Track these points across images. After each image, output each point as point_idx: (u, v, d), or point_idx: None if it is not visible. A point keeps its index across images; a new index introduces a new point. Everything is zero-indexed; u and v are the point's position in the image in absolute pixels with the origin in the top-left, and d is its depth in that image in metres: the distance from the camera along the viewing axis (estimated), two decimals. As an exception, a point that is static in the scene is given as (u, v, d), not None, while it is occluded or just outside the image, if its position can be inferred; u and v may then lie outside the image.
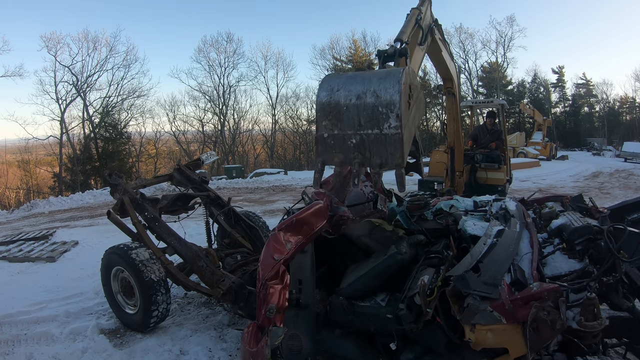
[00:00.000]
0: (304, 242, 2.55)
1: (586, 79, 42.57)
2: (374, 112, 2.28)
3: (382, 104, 2.25)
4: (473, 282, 2.06)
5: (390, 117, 2.24)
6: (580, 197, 3.28)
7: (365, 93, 2.31)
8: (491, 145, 7.23)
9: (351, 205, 3.32)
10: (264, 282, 2.26)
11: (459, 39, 35.52)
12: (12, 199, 26.15)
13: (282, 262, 2.32)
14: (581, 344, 2.00)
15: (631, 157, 23.04)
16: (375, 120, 2.29)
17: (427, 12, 4.14)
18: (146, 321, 3.36)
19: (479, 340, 1.97)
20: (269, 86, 33.78)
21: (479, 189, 6.68)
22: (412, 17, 3.71)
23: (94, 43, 26.52)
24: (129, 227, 3.88)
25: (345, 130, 2.41)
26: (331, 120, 2.45)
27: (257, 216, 4.84)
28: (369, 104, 2.30)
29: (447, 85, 5.98)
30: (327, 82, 2.48)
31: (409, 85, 2.31)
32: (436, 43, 4.53)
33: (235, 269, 3.63)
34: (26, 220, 9.35)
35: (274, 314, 2.17)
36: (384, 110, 2.25)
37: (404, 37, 3.30)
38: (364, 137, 2.34)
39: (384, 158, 2.30)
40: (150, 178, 4.98)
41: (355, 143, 2.38)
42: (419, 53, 3.82)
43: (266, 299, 2.21)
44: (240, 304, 3.17)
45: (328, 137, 2.48)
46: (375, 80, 2.29)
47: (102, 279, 3.67)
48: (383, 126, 2.27)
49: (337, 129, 2.44)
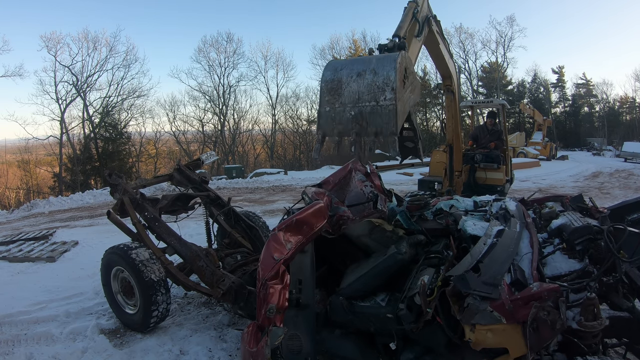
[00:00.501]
0: (304, 242, 2.55)
1: (586, 79, 42.57)
2: (371, 87, 2.55)
3: (379, 79, 2.53)
4: (473, 282, 2.06)
5: (386, 91, 2.50)
6: (580, 197, 3.28)
7: (365, 71, 2.59)
8: (490, 145, 7.22)
9: (351, 205, 3.32)
10: (264, 282, 2.25)
11: (459, 39, 35.55)
12: (12, 199, 26.14)
13: (282, 262, 2.32)
14: (581, 344, 2.00)
15: (631, 157, 23.04)
16: (373, 94, 2.55)
17: (424, 4, 4.25)
18: (146, 321, 3.36)
19: (479, 340, 1.97)
20: (269, 86, 33.80)
21: (478, 189, 6.66)
22: (409, 11, 3.91)
23: (94, 43, 26.53)
24: (129, 227, 3.88)
25: (346, 104, 2.66)
26: (333, 95, 2.72)
27: (257, 216, 4.84)
28: (368, 80, 2.57)
29: (447, 83, 6.02)
30: (332, 64, 2.79)
31: (405, 67, 2.59)
32: (433, 35, 4.61)
33: (235, 269, 3.63)
34: (26, 220, 9.35)
35: (274, 314, 2.17)
36: (381, 85, 2.52)
37: (401, 32, 3.54)
38: (362, 109, 2.59)
39: (379, 127, 2.54)
40: (150, 178, 4.98)
41: (354, 115, 2.63)
42: (416, 44, 4.01)
43: (266, 299, 2.21)
44: (240, 304, 3.16)
45: (330, 110, 2.75)
46: (375, 60, 2.58)
47: (102, 279, 3.67)
48: (379, 98, 2.52)
49: (338, 102, 2.70)
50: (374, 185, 3.55)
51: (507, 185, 7.21)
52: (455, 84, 6.00)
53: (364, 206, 3.36)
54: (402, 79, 2.56)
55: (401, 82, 2.54)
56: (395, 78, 2.46)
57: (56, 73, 25.38)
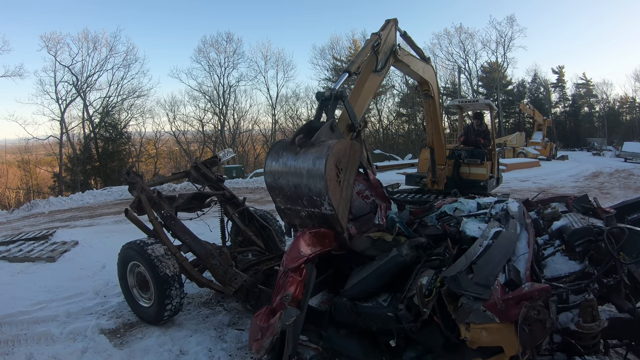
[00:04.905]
0: (321, 252, 2.80)
1: (586, 79, 42.62)
2: (310, 199, 2.84)
3: (315, 194, 2.78)
4: (465, 282, 2.10)
5: (324, 202, 2.78)
6: (585, 198, 3.27)
7: (300, 185, 2.85)
8: (480, 140, 7.49)
9: (356, 217, 3.38)
10: (286, 270, 2.45)
11: (459, 39, 35.58)
12: (12, 199, 26.16)
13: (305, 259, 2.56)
14: (580, 345, 2.00)
15: (631, 157, 23.06)
16: (314, 203, 2.85)
17: (390, 35, 4.21)
18: (160, 314, 3.44)
19: (474, 339, 2.01)
20: (269, 86, 33.83)
21: (461, 183, 6.88)
22: (367, 45, 3.93)
23: (94, 43, 26.59)
24: (146, 225, 3.93)
25: (295, 206, 3.01)
26: (282, 198, 3.06)
27: (273, 218, 4.84)
28: (305, 193, 2.84)
29: (424, 89, 5.88)
30: (269, 168, 3.05)
31: (335, 165, 2.77)
32: (400, 62, 4.60)
33: (247, 267, 3.71)
34: (26, 220, 9.34)
35: (289, 300, 2.33)
36: (317, 198, 2.79)
37: (352, 67, 3.65)
38: (310, 212, 2.94)
39: (329, 227, 2.91)
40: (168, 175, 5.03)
41: (305, 215, 2.99)
42: (375, 79, 4.01)
43: (285, 286, 2.39)
44: (252, 301, 3.27)
45: (284, 208, 3.12)
46: (306, 175, 2.79)
47: (118, 273, 3.75)
48: (321, 208, 2.82)
49: (289, 204, 3.03)
50: (374, 193, 3.56)
51: (492, 182, 7.31)
52: (433, 88, 5.86)
53: (367, 218, 3.42)
54: (337, 177, 2.78)
55: (335, 185, 2.76)
56: (327, 193, 2.68)
57: (56, 73, 25.49)
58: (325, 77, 35.04)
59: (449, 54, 36.15)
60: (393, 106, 36.00)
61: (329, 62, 35.32)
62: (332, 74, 34.09)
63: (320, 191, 2.71)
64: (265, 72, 33.72)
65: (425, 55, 5.58)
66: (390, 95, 35.36)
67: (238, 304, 3.86)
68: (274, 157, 3.02)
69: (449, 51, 36.11)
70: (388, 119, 35.77)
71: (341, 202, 2.84)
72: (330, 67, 35.10)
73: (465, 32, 35.48)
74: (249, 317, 3.61)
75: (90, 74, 26.43)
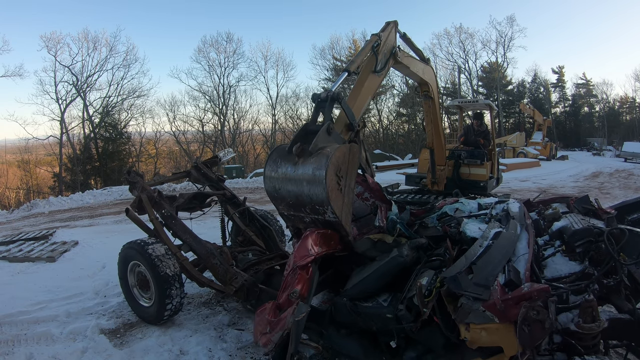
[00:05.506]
0: (326, 252, 2.83)
1: (586, 79, 42.62)
2: (313, 208, 2.82)
3: (317, 204, 2.76)
4: (465, 283, 2.11)
5: (327, 211, 2.76)
6: (586, 199, 3.26)
7: (301, 195, 2.82)
8: (480, 140, 7.49)
9: (357, 219, 3.39)
10: (295, 267, 2.47)
11: (459, 39, 35.58)
12: (12, 199, 26.16)
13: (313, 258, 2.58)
14: (580, 346, 2.00)
15: (631, 157, 23.07)
16: (316, 212, 2.83)
17: (390, 37, 4.18)
18: (160, 314, 3.44)
19: (474, 339, 2.01)
20: (269, 86, 33.85)
21: (461, 184, 6.87)
22: (367, 45, 3.88)
23: (94, 43, 26.58)
24: (147, 224, 3.93)
25: (298, 213, 2.96)
26: (285, 205, 3.02)
27: (274, 218, 4.84)
28: (307, 203, 2.82)
29: (424, 90, 5.83)
30: (268, 177, 3.01)
31: (335, 173, 2.74)
32: (400, 64, 4.57)
33: (247, 267, 3.72)
34: (26, 220, 9.34)
35: (296, 297, 2.35)
36: (320, 206, 2.77)
37: (352, 67, 3.59)
38: (314, 219, 2.91)
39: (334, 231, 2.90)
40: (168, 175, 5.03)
41: (309, 220, 2.96)
42: (374, 80, 3.95)
43: (292, 283, 2.41)
44: (252, 301, 3.28)
45: (288, 214, 3.09)
46: (306, 186, 2.76)
47: (119, 273, 3.75)
48: (324, 216, 2.81)
49: (292, 211, 3.00)
50: (373, 195, 3.57)
51: (491, 183, 7.31)
52: (433, 89, 5.82)
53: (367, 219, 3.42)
54: (337, 188, 2.76)
55: (337, 191, 2.74)
56: (329, 201, 2.67)
57: (56, 73, 25.48)
58: (325, 77, 35.09)
59: (449, 54, 36.21)
60: (393, 106, 36.08)
61: (329, 62, 35.38)
62: (332, 74, 34.09)
63: (322, 201, 2.72)
64: (265, 72, 33.80)
65: (425, 56, 5.58)
66: (390, 95, 35.42)
67: (238, 304, 3.87)
68: (273, 167, 2.98)
69: (448, 51, 36.16)
70: (388, 119, 35.85)
71: (344, 207, 2.85)
72: (330, 67, 35.12)
73: (465, 32, 35.54)
74: (249, 317, 3.61)
75: (90, 74, 26.47)
